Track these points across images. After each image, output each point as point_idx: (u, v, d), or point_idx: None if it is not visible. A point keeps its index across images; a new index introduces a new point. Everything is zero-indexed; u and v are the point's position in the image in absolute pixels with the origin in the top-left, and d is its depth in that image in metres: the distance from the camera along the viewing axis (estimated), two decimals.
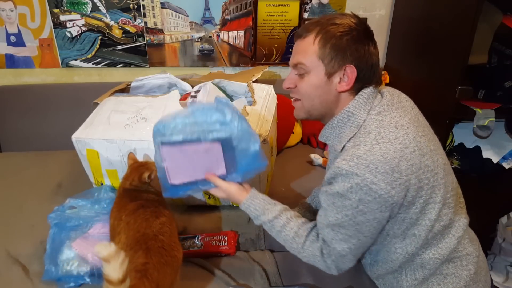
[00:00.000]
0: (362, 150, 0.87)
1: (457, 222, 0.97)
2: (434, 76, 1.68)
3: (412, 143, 0.89)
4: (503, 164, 1.68)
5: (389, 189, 0.84)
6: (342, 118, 0.95)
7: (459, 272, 0.97)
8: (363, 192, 0.85)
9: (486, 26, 1.48)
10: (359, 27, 0.93)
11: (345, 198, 0.88)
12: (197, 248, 1.30)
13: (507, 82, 1.53)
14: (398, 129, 0.90)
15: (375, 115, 0.93)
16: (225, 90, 1.64)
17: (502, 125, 1.71)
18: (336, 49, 0.90)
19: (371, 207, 0.86)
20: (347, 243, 0.93)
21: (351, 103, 0.94)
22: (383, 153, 0.85)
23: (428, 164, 0.90)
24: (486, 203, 1.56)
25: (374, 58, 0.94)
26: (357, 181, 0.85)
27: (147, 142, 1.33)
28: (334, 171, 0.89)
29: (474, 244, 1.02)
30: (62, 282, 1.17)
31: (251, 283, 1.21)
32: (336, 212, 0.91)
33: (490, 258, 1.87)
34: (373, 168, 0.84)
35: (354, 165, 0.85)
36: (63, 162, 1.78)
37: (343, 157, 0.88)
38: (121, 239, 1.05)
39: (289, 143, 1.95)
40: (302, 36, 0.95)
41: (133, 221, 1.09)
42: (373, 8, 2.04)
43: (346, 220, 0.90)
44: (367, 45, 0.92)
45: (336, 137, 0.98)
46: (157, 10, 1.91)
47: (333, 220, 0.92)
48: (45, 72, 2.01)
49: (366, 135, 0.90)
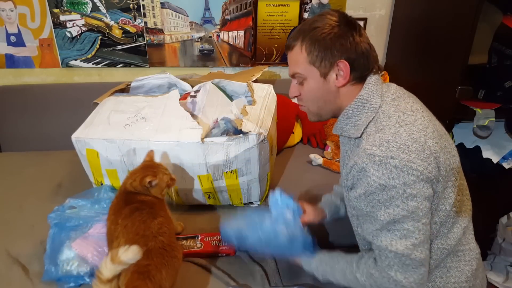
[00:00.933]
0: (388, 134, 0.88)
1: (464, 212, 0.98)
2: (434, 76, 1.68)
3: (430, 124, 0.92)
4: (503, 164, 1.68)
5: (426, 165, 0.85)
6: (356, 106, 0.96)
7: (461, 266, 0.98)
8: (405, 173, 0.84)
9: (486, 26, 1.48)
10: (340, 22, 0.94)
11: (389, 188, 0.85)
12: (197, 248, 1.29)
13: (507, 82, 1.53)
14: (414, 112, 0.93)
15: (390, 101, 0.95)
16: (225, 90, 1.64)
17: (502, 125, 1.70)
18: (323, 50, 0.93)
19: (418, 187, 0.85)
20: (409, 239, 0.87)
21: (363, 91, 0.96)
22: (409, 133, 0.87)
23: (446, 145, 0.93)
24: (486, 203, 1.56)
25: (363, 45, 0.94)
26: (394, 163, 0.84)
27: (147, 141, 1.33)
28: (364, 160, 0.87)
29: (475, 242, 1.03)
30: (62, 282, 1.17)
31: (251, 283, 1.21)
32: (386, 208, 0.87)
33: (490, 258, 1.87)
34: (405, 148, 0.85)
35: (386, 149, 0.85)
36: (63, 162, 1.78)
37: (370, 143, 0.88)
38: (120, 243, 1.05)
39: (289, 143, 1.95)
40: (290, 47, 0.98)
41: (130, 224, 1.08)
42: (373, 8, 2.04)
43: (398, 211, 0.86)
44: (351, 36, 0.93)
45: (352, 126, 0.97)
46: (157, 10, 1.91)
47: (385, 219, 0.88)
48: (45, 72, 2.01)
49: (387, 119, 0.91)
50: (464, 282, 0.98)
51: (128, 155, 1.36)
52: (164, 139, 1.33)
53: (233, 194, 1.45)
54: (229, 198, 1.47)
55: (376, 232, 0.91)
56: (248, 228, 1.13)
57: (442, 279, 0.98)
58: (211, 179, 1.38)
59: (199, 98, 1.50)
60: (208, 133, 1.37)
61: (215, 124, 1.43)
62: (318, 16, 0.96)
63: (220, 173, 1.37)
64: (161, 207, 1.17)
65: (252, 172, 1.38)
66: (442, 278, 0.98)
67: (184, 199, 1.48)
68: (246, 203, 1.50)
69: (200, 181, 1.39)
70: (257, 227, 1.11)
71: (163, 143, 1.33)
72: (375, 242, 0.92)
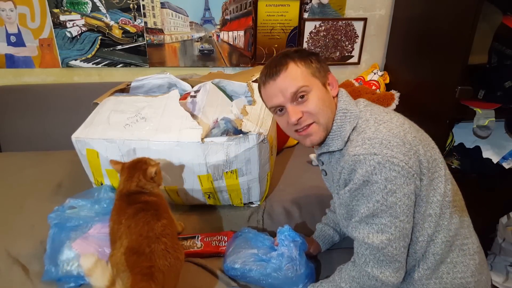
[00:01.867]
0: (369, 133, 0.93)
1: (459, 202, 1.01)
2: (434, 76, 1.68)
3: (405, 121, 0.98)
4: (503, 164, 1.68)
5: (407, 159, 0.89)
6: (340, 117, 1.01)
7: (466, 261, 0.99)
8: (387, 169, 0.87)
9: (486, 26, 1.48)
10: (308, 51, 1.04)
11: (372, 182, 0.89)
12: (197, 248, 1.29)
13: (507, 82, 1.53)
14: (388, 113, 1.00)
15: (364, 108, 1.02)
16: (225, 90, 1.64)
17: (502, 125, 1.71)
18: (317, 62, 1.00)
19: (398, 183, 0.88)
20: (385, 234, 0.91)
21: (340, 103, 1.02)
22: (388, 129, 0.92)
23: (424, 138, 0.98)
24: (486, 203, 1.56)
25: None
26: (377, 159, 0.88)
27: (147, 141, 1.33)
28: (350, 163, 0.92)
29: (475, 235, 1.05)
30: (62, 282, 1.17)
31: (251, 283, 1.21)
32: (367, 202, 0.91)
33: (490, 258, 1.87)
34: (387, 143, 0.89)
35: (369, 146, 0.90)
36: (63, 162, 1.78)
37: (353, 145, 0.93)
38: (123, 243, 1.04)
39: (289, 143, 1.95)
40: (281, 70, 0.97)
41: (134, 224, 1.08)
42: (373, 8, 2.04)
43: (377, 206, 0.90)
44: (324, 62, 1.03)
45: (338, 138, 1.00)
46: (157, 10, 1.91)
47: (365, 212, 0.92)
48: (45, 72, 2.01)
49: (365, 122, 0.97)
50: (470, 277, 0.99)
51: (128, 155, 1.36)
52: (164, 139, 1.33)
53: (233, 194, 1.45)
54: (229, 198, 1.47)
55: (355, 224, 0.96)
56: (254, 264, 1.18)
57: (449, 275, 0.99)
58: (211, 179, 1.38)
59: (199, 98, 1.50)
60: (208, 133, 1.37)
61: (215, 124, 1.43)
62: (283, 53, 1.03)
63: (220, 173, 1.37)
64: (165, 209, 1.17)
65: (252, 172, 1.38)
66: (449, 274, 0.99)
67: (184, 199, 1.48)
68: (246, 203, 1.50)
69: (200, 181, 1.39)
70: (264, 265, 1.16)
71: (163, 143, 1.33)
72: (354, 234, 0.97)
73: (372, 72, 2.08)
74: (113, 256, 1.03)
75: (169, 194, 1.45)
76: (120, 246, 1.04)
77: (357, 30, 2.06)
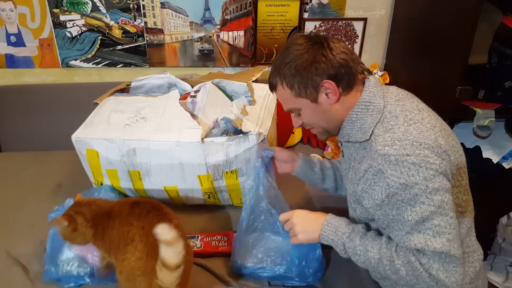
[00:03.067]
0: (398, 133, 0.87)
1: (469, 212, 0.98)
2: (434, 76, 1.68)
3: (437, 123, 0.92)
4: (503, 164, 1.68)
5: (440, 160, 0.85)
6: (360, 109, 0.96)
7: (466, 268, 0.98)
8: (423, 168, 0.83)
9: (486, 26, 1.48)
10: (307, 47, 0.94)
11: (411, 185, 0.83)
12: (197, 248, 1.29)
13: (507, 82, 1.53)
14: (421, 111, 0.93)
15: (395, 102, 0.95)
16: (225, 90, 1.64)
17: (502, 125, 1.71)
18: (303, 81, 0.95)
19: (438, 180, 0.84)
20: (443, 235, 0.84)
21: (364, 93, 0.96)
22: (419, 131, 0.87)
23: (454, 144, 0.93)
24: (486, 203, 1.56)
25: (338, 57, 0.94)
26: (411, 160, 0.83)
27: (147, 141, 1.33)
28: (379, 162, 0.86)
29: (478, 243, 1.04)
30: (62, 282, 1.17)
31: (251, 283, 1.21)
32: (411, 207, 0.85)
33: (490, 258, 1.87)
34: (418, 145, 0.85)
35: (400, 147, 0.85)
36: (63, 162, 1.78)
37: (382, 143, 0.87)
38: (137, 247, 0.98)
39: (289, 143, 1.95)
40: (273, 87, 1.03)
41: (148, 225, 0.99)
42: (373, 8, 2.04)
43: (425, 208, 0.83)
44: (322, 55, 0.93)
45: (358, 130, 0.96)
46: (157, 10, 1.91)
47: (413, 218, 0.85)
48: (45, 72, 2.01)
49: (394, 119, 0.91)
50: (467, 284, 0.98)
51: (128, 155, 1.36)
52: (164, 139, 1.33)
53: (233, 194, 1.45)
54: (229, 198, 1.47)
55: (407, 236, 0.87)
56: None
57: None
58: (211, 179, 1.38)
59: (199, 98, 1.50)
60: (208, 133, 1.37)
61: (215, 124, 1.43)
62: (286, 49, 0.98)
63: (220, 173, 1.37)
64: (168, 209, 1.12)
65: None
66: None
67: (184, 199, 1.48)
68: None
69: (200, 181, 1.39)
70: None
71: (163, 143, 1.33)
72: (409, 247, 0.88)
73: (372, 72, 2.08)
74: (126, 261, 0.98)
75: (169, 194, 1.45)
76: (134, 250, 0.98)
77: (357, 30, 2.06)
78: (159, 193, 1.45)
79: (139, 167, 1.38)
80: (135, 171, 1.39)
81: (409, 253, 0.89)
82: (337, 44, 0.95)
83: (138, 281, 0.96)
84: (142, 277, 0.96)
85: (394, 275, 0.91)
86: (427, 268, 0.86)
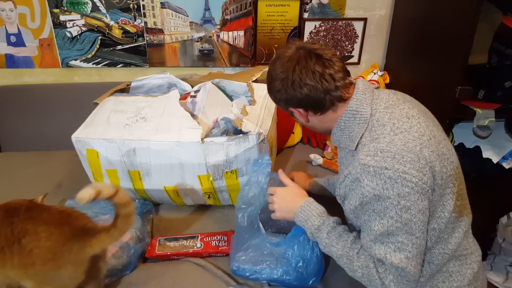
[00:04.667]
0: (383, 143, 0.87)
1: (466, 216, 0.98)
2: (434, 76, 1.68)
3: (427, 131, 0.91)
4: (503, 164, 1.68)
5: (421, 175, 0.84)
6: (347, 118, 0.96)
7: (463, 270, 0.98)
8: (399, 184, 0.83)
9: (486, 26, 1.48)
10: (284, 71, 0.96)
11: (383, 198, 0.84)
12: (197, 248, 1.29)
13: (507, 82, 1.53)
14: (410, 119, 0.92)
15: (383, 109, 0.94)
16: (225, 90, 1.64)
17: (502, 125, 1.70)
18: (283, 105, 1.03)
19: (412, 199, 0.84)
20: (403, 252, 0.87)
21: (351, 101, 0.95)
22: (403, 142, 0.86)
23: (444, 152, 0.91)
24: (486, 203, 1.56)
25: (300, 91, 0.95)
26: (388, 174, 0.83)
27: (147, 141, 1.33)
28: (358, 171, 0.87)
29: (476, 244, 1.03)
30: None
31: (251, 283, 1.21)
32: (380, 218, 0.87)
33: (490, 258, 1.87)
34: (400, 158, 0.84)
35: (381, 159, 0.85)
36: (63, 162, 1.78)
37: (365, 153, 0.88)
38: (37, 230, 0.94)
39: (289, 143, 1.95)
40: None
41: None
42: (373, 8, 2.04)
43: (392, 223, 0.85)
44: (293, 84, 0.95)
45: (347, 137, 0.97)
46: (157, 10, 1.91)
47: (379, 229, 0.87)
48: (45, 72, 2.01)
49: (381, 127, 0.91)
50: (466, 285, 0.98)
51: (128, 155, 1.36)
52: (164, 139, 1.33)
53: (233, 194, 1.45)
54: (229, 198, 1.47)
55: (370, 243, 0.91)
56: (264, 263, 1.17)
57: (445, 284, 0.98)
58: (211, 179, 1.38)
59: (199, 98, 1.50)
60: (208, 133, 1.37)
61: (215, 124, 1.43)
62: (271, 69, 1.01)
63: (220, 173, 1.37)
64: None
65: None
66: (445, 283, 0.98)
67: (184, 199, 1.48)
68: None
69: (200, 181, 1.39)
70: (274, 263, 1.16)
71: (163, 143, 1.33)
72: (370, 253, 0.91)
73: (372, 72, 2.08)
74: (36, 248, 0.94)
75: (169, 194, 1.45)
76: (36, 234, 0.95)
77: (357, 30, 2.06)
78: (159, 193, 1.45)
79: (139, 167, 1.38)
80: (135, 171, 1.39)
81: (369, 260, 0.92)
82: (307, 68, 0.93)
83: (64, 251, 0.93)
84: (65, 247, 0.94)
85: (351, 272, 0.96)
86: (382, 277, 0.90)
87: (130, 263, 1.22)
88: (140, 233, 1.29)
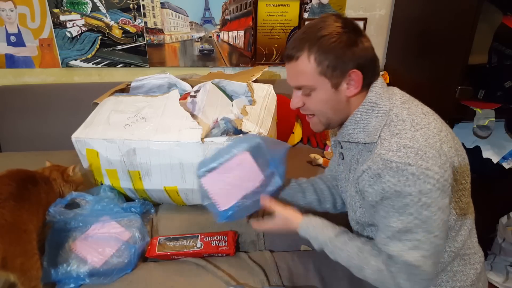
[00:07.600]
0: (405, 139, 0.85)
1: (470, 214, 0.98)
2: (434, 76, 1.68)
3: (443, 127, 0.90)
4: (503, 164, 1.68)
5: (443, 172, 0.83)
6: (365, 110, 0.92)
7: (467, 270, 0.98)
8: (421, 181, 0.81)
9: (486, 26, 1.48)
10: (346, 28, 0.89)
11: (404, 194, 0.82)
12: (197, 248, 1.29)
13: (507, 82, 1.53)
14: (426, 115, 0.90)
15: (400, 104, 0.92)
16: (225, 90, 1.64)
17: (502, 125, 1.70)
18: (334, 60, 0.88)
19: (433, 196, 0.82)
20: (419, 250, 0.84)
21: (370, 94, 0.92)
22: (425, 138, 0.85)
23: (457, 148, 0.91)
24: (486, 203, 1.56)
25: (371, 51, 0.92)
26: (411, 170, 0.81)
27: (147, 141, 1.33)
28: (379, 166, 0.84)
29: (479, 245, 1.03)
30: (61, 283, 1.17)
31: (251, 283, 1.21)
32: (399, 215, 0.84)
33: (490, 258, 1.87)
34: (422, 154, 0.82)
35: (404, 155, 0.82)
36: (63, 162, 1.78)
37: (386, 147, 0.85)
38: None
39: (289, 143, 1.95)
40: (293, 57, 0.91)
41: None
42: (373, 8, 2.04)
43: (411, 220, 0.83)
44: (360, 42, 0.89)
45: (361, 131, 0.93)
46: (157, 10, 1.91)
47: (397, 226, 0.85)
48: (45, 72, 2.01)
49: (401, 122, 0.88)
50: (469, 286, 0.98)
51: (128, 155, 1.36)
52: (164, 139, 1.33)
53: None
54: None
55: (386, 240, 0.88)
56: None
57: (448, 283, 0.98)
58: None
59: (199, 98, 1.50)
60: (208, 133, 1.37)
61: (215, 124, 1.43)
62: (321, 22, 0.90)
63: None
64: None
65: None
66: (448, 282, 0.98)
67: (184, 199, 1.48)
68: None
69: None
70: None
71: (163, 143, 1.33)
72: (385, 250, 0.89)
73: None
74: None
75: (169, 194, 1.45)
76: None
77: None
78: (159, 193, 1.45)
79: (139, 167, 1.38)
80: (135, 171, 1.39)
81: (382, 259, 0.90)
82: (368, 39, 0.92)
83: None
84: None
85: (361, 273, 0.94)
86: (394, 276, 0.87)
87: (130, 262, 1.22)
88: (140, 233, 1.30)
